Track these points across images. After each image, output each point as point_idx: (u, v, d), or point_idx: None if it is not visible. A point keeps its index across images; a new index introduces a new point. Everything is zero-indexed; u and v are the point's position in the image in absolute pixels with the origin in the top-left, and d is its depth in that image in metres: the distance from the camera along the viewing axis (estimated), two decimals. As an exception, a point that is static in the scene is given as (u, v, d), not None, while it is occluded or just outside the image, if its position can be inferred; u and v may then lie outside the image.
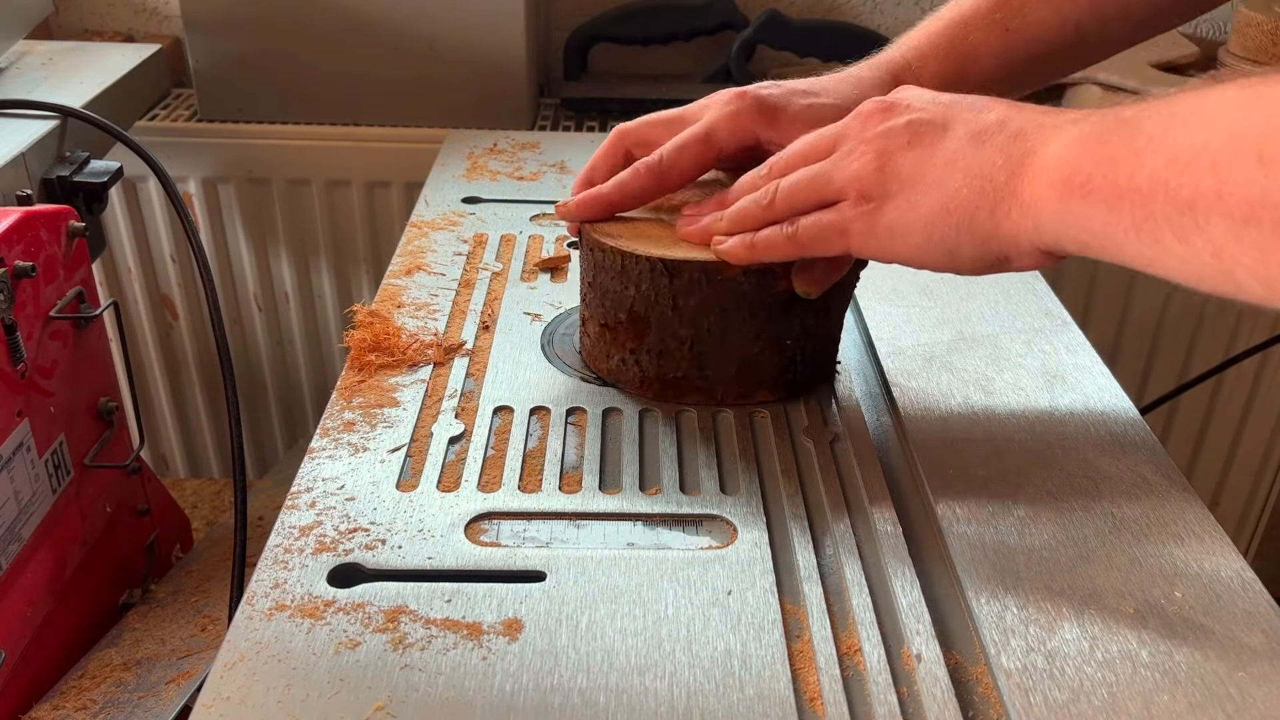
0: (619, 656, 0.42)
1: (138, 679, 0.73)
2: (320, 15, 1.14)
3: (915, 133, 0.49)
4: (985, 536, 0.50)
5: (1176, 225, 0.37)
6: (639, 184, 0.58)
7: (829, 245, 0.51)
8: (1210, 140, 0.36)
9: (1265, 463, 1.37)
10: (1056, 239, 0.44)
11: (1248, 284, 0.37)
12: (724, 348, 0.57)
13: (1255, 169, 0.34)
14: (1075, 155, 0.42)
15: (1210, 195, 0.36)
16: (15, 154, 0.78)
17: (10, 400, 0.67)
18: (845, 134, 0.52)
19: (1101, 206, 0.41)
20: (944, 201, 0.47)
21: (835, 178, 0.50)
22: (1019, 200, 0.44)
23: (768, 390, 0.59)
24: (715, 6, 1.25)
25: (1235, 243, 0.36)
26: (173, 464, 1.44)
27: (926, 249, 0.48)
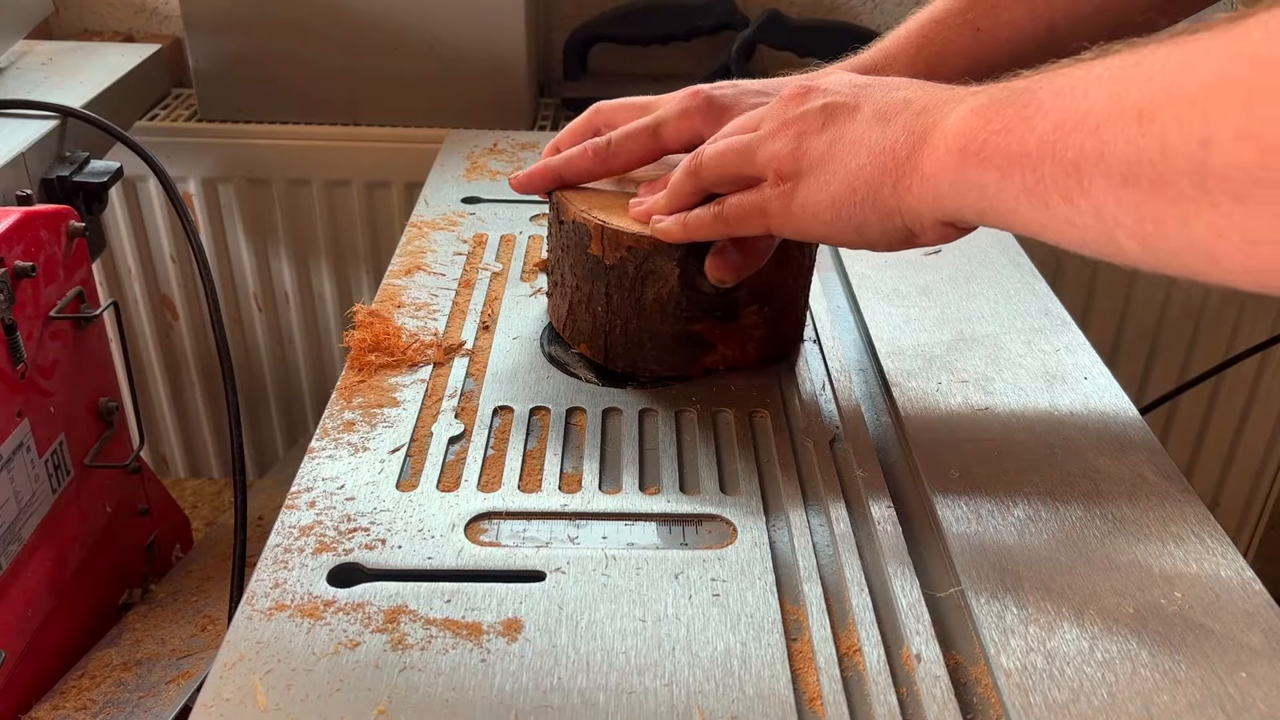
0: (619, 656, 0.42)
1: (138, 679, 0.73)
2: (320, 15, 1.14)
3: (829, 115, 0.51)
4: (985, 536, 0.50)
5: (1063, 188, 0.38)
6: (584, 163, 0.62)
7: (751, 224, 0.53)
8: (1095, 104, 0.37)
9: (1265, 463, 1.37)
10: (956, 208, 0.45)
11: (1127, 245, 0.37)
12: (563, 284, 0.63)
13: (1134, 128, 0.35)
14: (971, 124, 0.43)
15: (1093, 156, 0.36)
16: (15, 154, 0.78)
17: (10, 400, 0.67)
18: (766, 115, 0.54)
19: (995, 173, 0.41)
20: (850, 179, 0.48)
21: (757, 156, 0.52)
22: (920, 174, 0.46)
23: (586, 345, 0.63)
24: (715, 6, 1.25)
25: (1115, 203, 0.36)
26: (173, 464, 1.44)
27: (835, 225, 0.50)
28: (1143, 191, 0.35)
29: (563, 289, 0.63)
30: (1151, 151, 0.34)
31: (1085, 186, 0.37)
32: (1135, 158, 0.35)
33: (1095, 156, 0.36)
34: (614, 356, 0.62)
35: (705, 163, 0.55)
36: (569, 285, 0.62)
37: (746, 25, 1.24)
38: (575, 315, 0.63)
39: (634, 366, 0.62)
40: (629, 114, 0.63)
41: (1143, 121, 0.34)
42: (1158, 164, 0.34)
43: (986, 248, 0.77)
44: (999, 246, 0.78)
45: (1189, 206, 0.33)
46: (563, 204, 0.61)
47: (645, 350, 0.61)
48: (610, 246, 0.59)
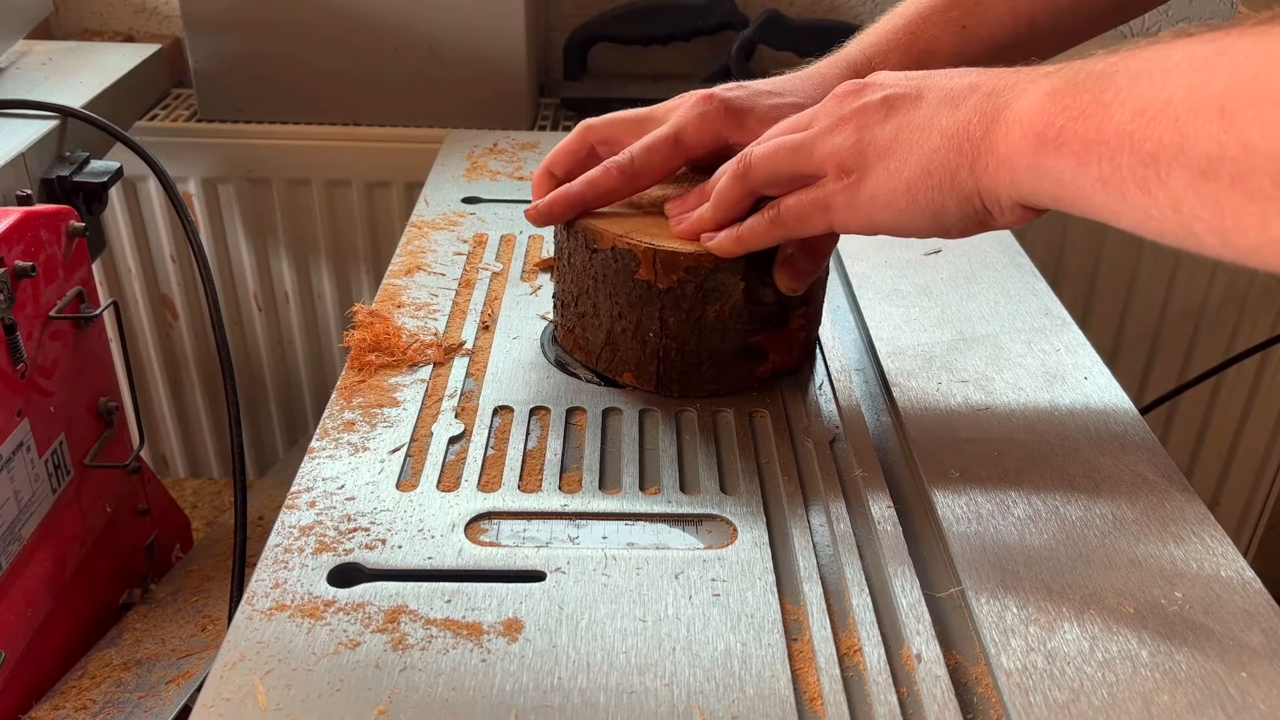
0: (619, 656, 0.42)
1: (138, 679, 0.73)
2: (320, 15, 1.14)
3: (890, 105, 0.49)
4: (985, 536, 0.50)
5: (1140, 178, 0.38)
6: (609, 184, 0.59)
7: (812, 223, 0.52)
8: (1174, 94, 0.36)
9: (1265, 463, 1.37)
10: (1033, 192, 0.44)
11: (1205, 238, 0.37)
12: (596, 315, 0.60)
13: (1215, 123, 0.34)
14: (1047, 109, 0.42)
15: (1172, 148, 0.36)
16: (15, 154, 0.78)
17: (10, 400, 0.67)
18: (821, 112, 0.52)
19: (1071, 159, 0.41)
20: (924, 163, 0.47)
21: (814, 152, 0.51)
22: (995, 155, 0.45)
23: (632, 374, 0.60)
24: (715, 6, 1.25)
25: (1194, 197, 0.36)
26: (173, 464, 1.44)
27: (913, 212, 0.49)
28: (1222, 187, 0.35)
29: (595, 320, 0.60)
30: (1233, 148, 0.34)
31: (1163, 179, 0.37)
32: (1216, 154, 0.34)
33: (1174, 149, 0.36)
34: (668, 381, 0.59)
35: (755, 163, 0.53)
36: (607, 315, 0.59)
37: (746, 25, 1.24)
38: (617, 345, 0.60)
39: (689, 389, 0.60)
40: (625, 128, 0.61)
41: (1224, 117, 0.34)
42: (1239, 161, 0.34)
43: (986, 248, 0.78)
44: (999, 246, 0.78)
45: (1269, 205, 0.33)
46: (594, 232, 0.58)
47: (703, 370, 0.59)
48: (665, 270, 0.56)
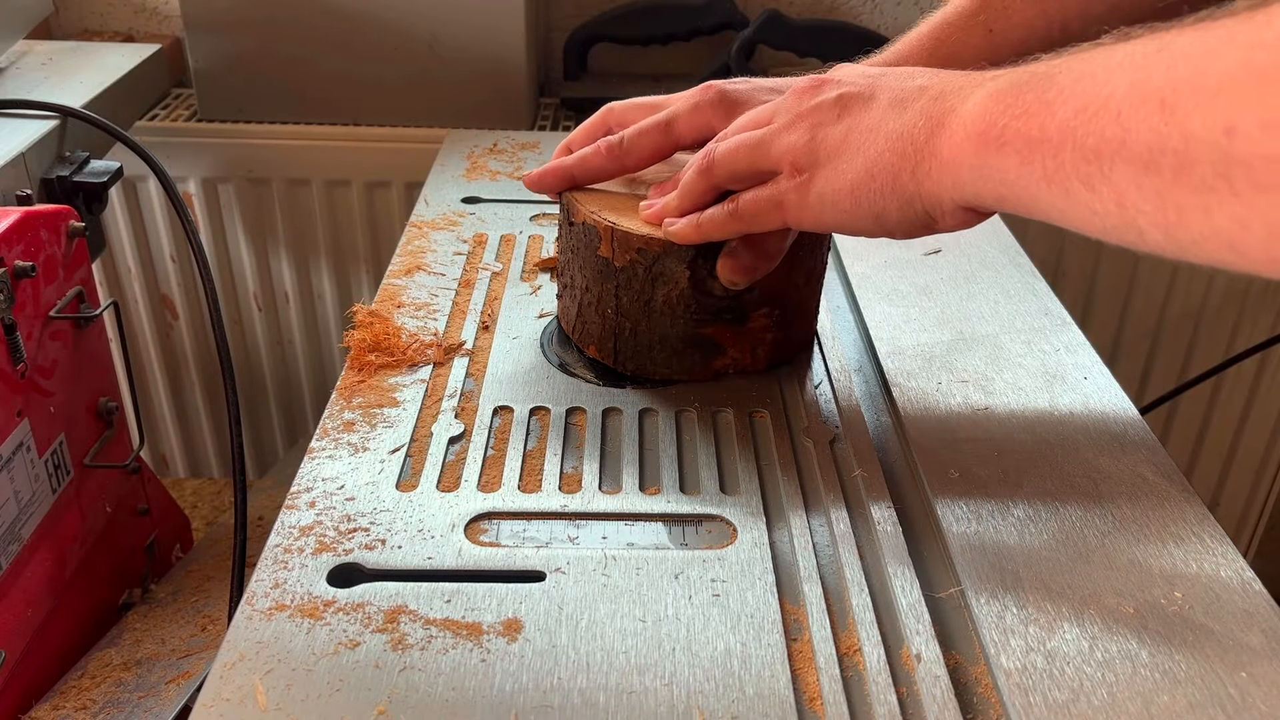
0: (619, 656, 0.42)
1: (138, 679, 0.73)
2: (320, 15, 1.14)
3: (844, 105, 0.50)
4: (985, 536, 0.50)
5: (1084, 174, 0.38)
6: (598, 162, 0.61)
7: (767, 219, 0.53)
8: (1115, 89, 0.37)
9: (1265, 463, 1.37)
10: (976, 193, 0.44)
11: (1149, 233, 0.37)
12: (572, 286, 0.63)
13: (1156, 116, 0.34)
14: (990, 109, 0.43)
15: (1114, 143, 0.36)
16: (15, 154, 0.78)
17: (10, 400, 0.67)
18: (779, 109, 0.53)
19: (1015, 158, 0.41)
20: (868, 166, 0.48)
21: (772, 149, 0.52)
22: (939, 158, 0.45)
23: (595, 347, 0.63)
24: (715, 6, 1.25)
25: (1137, 191, 0.36)
26: (173, 464, 1.44)
27: (855, 213, 0.49)
28: (1165, 180, 0.35)
29: (572, 290, 0.63)
30: (1174, 140, 0.34)
31: (1106, 173, 0.37)
32: (1158, 146, 0.34)
33: (1117, 143, 0.36)
34: (623, 359, 0.62)
35: (718, 160, 0.54)
36: (578, 287, 0.62)
37: (746, 25, 1.24)
38: (584, 317, 0.62)
39: (643, 369, 0.61)
40: (641, 114, 0.63)
41: (1165, 110, 0.34)
42: (1180, 153, 0.34)
43: (986, 248, 0.78)
44: (999, 246, 0.78)
45: (1211, 196, 0.33)
46: (573, 205, 0.61)
47: (654, 353, 0.61)
48: (620, 248, 0.58)
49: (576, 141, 0.64)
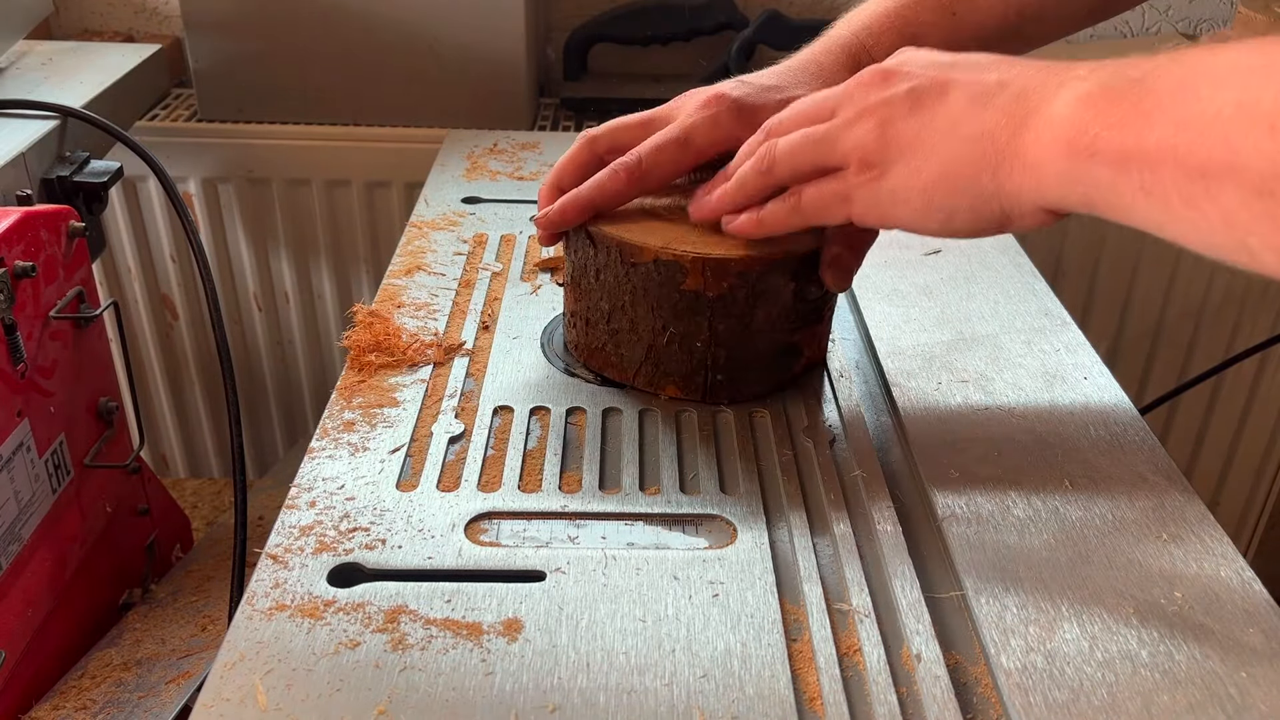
0: (619, 656, 0.42)
1: (138, 679, 0.73)
2: (320, 15, 1.14)
3: (915, 99, 0.49)
4: (985, 536, 0.50)
5: (1186, 192, 0.37)
6: (617, 186, 0.58)
7: (832, 213, 0.51)
8: (1222, 108, 0.36)
9: (1265, 463, 1.37)
10: (1061, 197, 0.44)
11: (1262, 254, 0.36)
12: (634, 330, 0.58)
13: (1268, 141, 0.34)
14: (1080, 115, 0.42)
15: (1222, 165, 0.36)
16: (15, 154, 0.78)
17: (10, 400, 0.67)
18: (845, 100, 0.51)
19: (1108, 169, 0.40)
20: (944, 165, 0.47)
21: (839, 145, 0.50)
22: (1021, 160, 0.44)
23: (676, 387, 0.59)
24: (715, 6, 1.25)
25: (1247, 212, 0.35)
26: (173, 464, 1.44)
27: (925, 211, 0.48)
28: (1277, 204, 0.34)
29: (634, 335, 0.58)
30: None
31: (1213, 194, 0.36)
32: (1271, 171, 0.34)
33: (1225, 166, 0.36)
34: (716, 389, 0.59)
35: (780, 158, 0.52)
36: (648, 329, 0.58)
37: (746, 25, 1.24)
38: (659, 359, 0.58)
39: (738, 394, 0.59)
40: (633, 133, 0.60)
41: (1276, 135, 0.34)
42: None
43: (986, 248, 0.78)
44: (999, 246, 0.78)
45: None
46: (631, 246, 0.56)
47: (749, 373, 0.59)
48: (715, 277, 0.55)
49: (567, 177, 0.60)
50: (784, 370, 0.60)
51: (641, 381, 0.60)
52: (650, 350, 0.58)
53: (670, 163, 0.58)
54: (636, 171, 0.57)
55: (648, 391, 0.60)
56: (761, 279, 0.55)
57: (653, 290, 0.56)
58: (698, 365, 0.58)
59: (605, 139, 0.60)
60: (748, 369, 0.59)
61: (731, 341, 0.57)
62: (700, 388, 0.59)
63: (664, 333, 0.57)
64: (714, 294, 0.56)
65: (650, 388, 0.60)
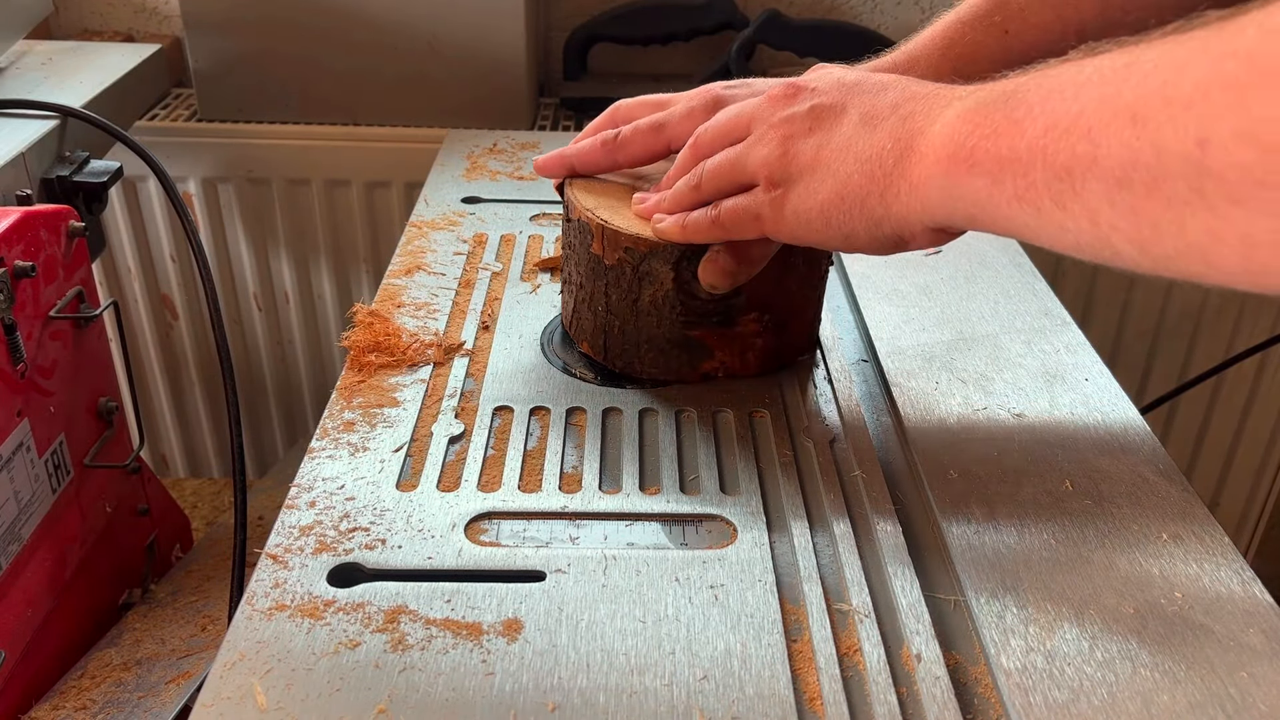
0: (619, 656, 0.42)
1: (138, 679, 0.73)
2: (320, 15, 1.14)
3: (815, 118, 0.51)
4: (985, 536, 0.50)
5: (1055, 192, 0.38)
6: (594, 155, 0.63)
7: (747, 228, 0.54)
8: (1086, 105, 0.36)
9: (1265, 463, 1.37)
10: (947, 215, 0.45)
11: (1123, 249, 0.36)
12: (569, 283, 0.64)
13: (1128, 130, 0.34)
14: (958, 130, 0.43)
15: (1086, 160, 0.36)
16: (15, 154, 0.78)
17: (10, 400, 0.67)
18: (756, 117, 0.54)
19: (985, 179, 0.41)
20: (838, 188, 0.48)
21: (748, 163, 0.53)
22: (907, 181, 0.46)
23: (588, 343, 0.63)
24: (715, 6, 1.25)
25: (1110, 207, 0.36)
26: (173, 464, 1.44)
27: (826, 233, 0.50)
28: (1138, 195, 0.34)
29: (570, 285, 0.64)
30: (1146, 154, 0.34)
31: (1078, 191, 0.37)
32: (1130, 161, 0.34)
33: (1088, 160, 0.36)
34: (612, 356, 0.62)
35: (705, 179, 0.55)
36: (574, 282, 0.63)
37: (746, 25, 1.24)
38: (579, 313, 0.63)
39: (630, 369, 0.62)
40: (645, 111, 0.63)
41: (1136, 124, 0.34)
42: (1152, 167, 0.33)
43: (986, 248, 0.78)
44: (999, 246, 0.78)
45: (1185, 209, 0.33)
46: (572, 201, 0.61)
47: (642, 352, 0.61)
48: (610, 246, 0.59)
49: (585, 136, 0.65)
50: (686, 365, 0.61)
51: (572, 332, 0.65)
52: (575, 304, 0.64)
53: (642, 144, 0.62)
54: (610, 145, 0.62)
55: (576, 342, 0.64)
56: (645, 260, 0.58)
57: (576, 247, 0.62)
58: (599, 327, 0.62)
59: (624, 110, 0.65)
60: (639, 347, 0.61)
61: (624, 314, 0.60)
62: (601, 351, 0.63)
63: (581, 289, 0.62)
64: (610, 263, 0.59)
65: (575, 339, 0.65)
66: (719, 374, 0.62)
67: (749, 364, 0.62)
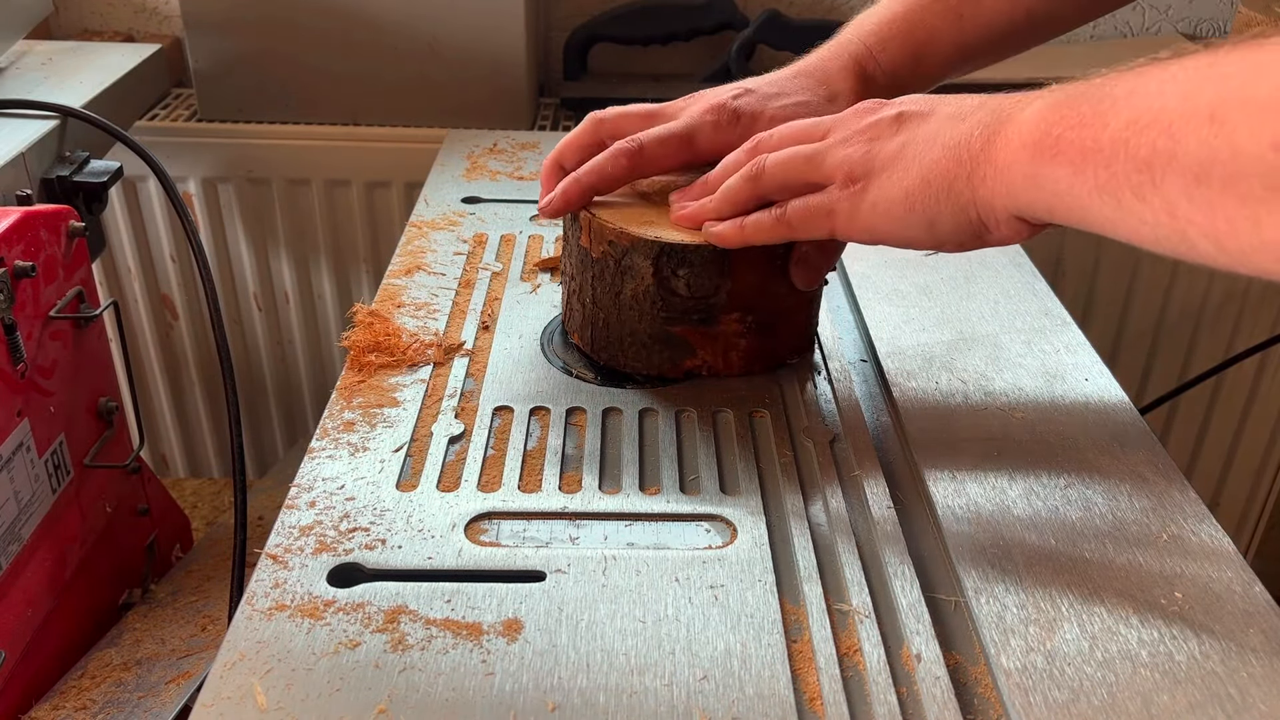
0: (619, 656, 0.42)
1: (138, 679, 0.73)
2: (320, 15, 1.14)
3: (901, 120, 0.51)
4: (985, 536, 0.50)
5: (1135, 185, 0.38)
6: (617, 170, 0.60)
7: (816, 227, 0.53)
8: (1167, 103, 0.37)
9: (1265, 463, 1.37)
10: (1029, 202, 0.45)
11: (1200, 243, 0.37)
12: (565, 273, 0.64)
13: (1206, 128, 0.35)
14: (1045, 118, 0.43)
15: (1165, 155, 0.37)
16: (15, 154, 0.78)
17: (10, 400, 0.67)
18: (839, 124, 0.54)
19: (1068, 168, 0.42)
20: (924, 173, 0.49)
21: (826, 161, 0.53)
22: (993, 165, 0.46)
23: (578, 335, 0.64)
24: (715, 6, 1.25)
25: (1187, 202, 0.37)
26: (173, 464, 1.44)
27: (908, 220, 0.50)
28: (1215, 191, 0.35)
29: (565, 278, 0.65)
30: (1223, 152, 0.35)
31: (1158, 184, 0.37)
32: (1207, 158, 0.35)
33: (1167, 155, 0.37)
34: (599, 349, 0.62)
35: (769, 170, 0.54)
36: (568, 274, 0.64)
37: (746, 25, 1.24)
38: (571, 305, 0.64)
39: (615, 362, 0.62)
40: (635, 122, 0.62)
41: (1214, 123, 0.35)
42: (1228, 165, 0.35)
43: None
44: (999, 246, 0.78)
45: (1260, 208, 0.34)
46: None
47: (625, 346, 0.61)
48: (596, 239, 0.59)
49: (569, 156, 0.63)
50: (668, 361, 0.61)
51: (565, 322, 0.66)
52: (568, 296, 0.64)
53: (671, 156, 0.60)
54: (637, 158, 0.60)
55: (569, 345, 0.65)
56: (627, 254, 0.58)
57: (571, 241, 0.62)
58: (587, 320, 0.62)
59: (610, 124, 0.63)
60: (623, 341, 0.61)
61: (608, 308, 0.61)
62: (589, 343, 0.63)
63: (572, 281, 0.63)
64: (596, 255, 0.60)
65: (568, 329, 0.65)
66: (703, 372, 0.61)
67: (733, 363, 0.61)
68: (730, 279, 0.58)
